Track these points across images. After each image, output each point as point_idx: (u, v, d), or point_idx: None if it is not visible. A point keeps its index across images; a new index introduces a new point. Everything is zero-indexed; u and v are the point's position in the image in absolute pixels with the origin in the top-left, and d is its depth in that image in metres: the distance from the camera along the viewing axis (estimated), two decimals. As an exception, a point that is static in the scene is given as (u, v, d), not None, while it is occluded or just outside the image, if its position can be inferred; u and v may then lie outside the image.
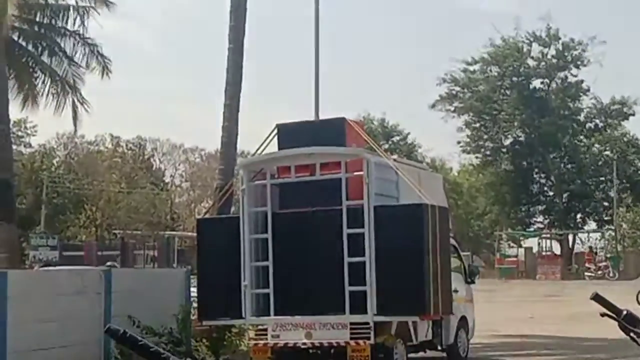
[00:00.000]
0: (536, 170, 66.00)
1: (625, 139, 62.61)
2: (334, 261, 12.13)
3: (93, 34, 24.52)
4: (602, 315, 3.38)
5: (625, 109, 63.85)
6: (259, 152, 13.64)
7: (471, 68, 64.68)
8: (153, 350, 2.64)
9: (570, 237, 61.93)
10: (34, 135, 57.80)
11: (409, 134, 70.90)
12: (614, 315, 3.32)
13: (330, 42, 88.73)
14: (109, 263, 33.75)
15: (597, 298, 3.38)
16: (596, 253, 53.46)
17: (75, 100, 24.12)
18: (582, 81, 63.36)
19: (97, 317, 12.41)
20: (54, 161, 57.50)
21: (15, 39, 23.54)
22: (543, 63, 63.41)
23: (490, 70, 64.59)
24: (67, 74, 24.14)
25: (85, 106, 24.33)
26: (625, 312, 3.31)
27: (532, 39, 63.05)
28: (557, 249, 60.75)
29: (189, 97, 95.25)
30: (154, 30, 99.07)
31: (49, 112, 24.01)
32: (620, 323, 3.30)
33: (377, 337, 12.08)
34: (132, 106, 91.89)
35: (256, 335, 12.91)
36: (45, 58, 24.22)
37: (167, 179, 68.78)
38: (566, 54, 62.61)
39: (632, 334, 3.30)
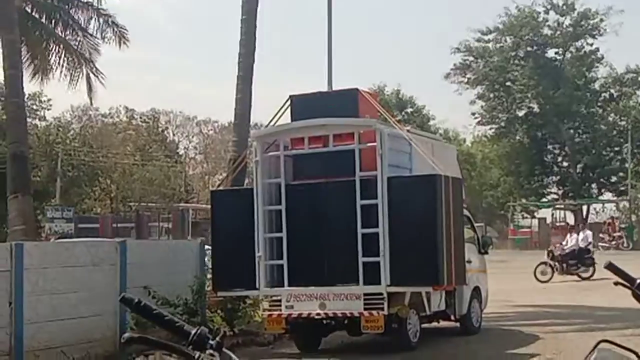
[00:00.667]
0: (550, 140, 65.62)
1: (640, 108, 62.16)
2: (347, 232, 12.15)
3: (106, 6, 24.42)
4: (616, 284, 3.37)
5: (640, 78, 63.33)
6: (272, 123, 13.63)
7: (486, 37, 64.27)
8: (167, 319, 2.65)
9: (585, 208, 61.70)
10: (48, 109, 57.86)
11: (424, 106, 70.61)
12: (627, 284, 3.31)
13: (344, 13, 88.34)
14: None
15: (610, 267, 3.37)
16: (610, 223, 53.21)
17: (90, 73, 24.06)
18: (597, 49, 62.88)
19: (112, 288, 12.49)
20: (69, 134, 57.56)
21: (29, 11, 23.46)
22: (559, 32, 62.85)
23: (505, 40, 64.10)
24: (81, 46, 24.05)
25: (101, 78, 24.29)
26: (639, 281, 3.29)
27: (549, 7, 62.50)
28: (571, 219, 60.60)
29: (202, 71, 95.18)
30: (167, 3, 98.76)
31: (62, 86, 23.98)
32: (634, 292, 3.28)
33: (391, 307, 12.12)
34: (144, 79, 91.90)
35: (270, 306, 12.98)
36: (59, 30, 24.11)
37: (181, 151, 68.94)
38: (583, 23, 62.02)
39: (645, 303, 3.29)
